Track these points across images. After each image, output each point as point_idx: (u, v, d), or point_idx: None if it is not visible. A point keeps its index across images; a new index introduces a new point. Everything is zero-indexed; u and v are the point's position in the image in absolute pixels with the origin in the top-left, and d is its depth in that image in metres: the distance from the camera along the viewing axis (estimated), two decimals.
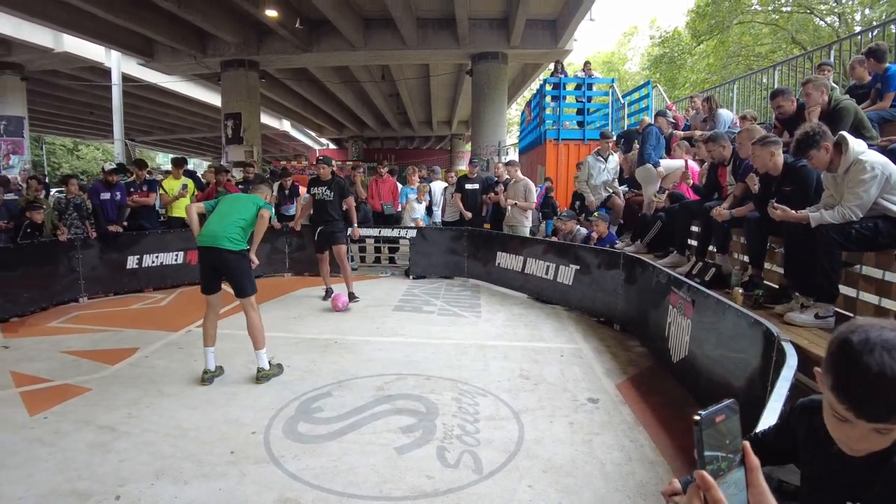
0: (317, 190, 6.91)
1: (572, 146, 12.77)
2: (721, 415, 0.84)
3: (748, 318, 3.20)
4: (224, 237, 4.28)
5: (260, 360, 4.43)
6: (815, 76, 5.04)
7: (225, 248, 4.27)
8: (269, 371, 4.43)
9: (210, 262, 4.36)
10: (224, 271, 4.39)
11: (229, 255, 4.29)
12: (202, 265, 4.45)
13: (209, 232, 4.33)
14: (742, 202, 4.64)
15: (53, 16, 12.65)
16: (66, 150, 47.20)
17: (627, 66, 41.53)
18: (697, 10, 24.05)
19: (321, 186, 6.87)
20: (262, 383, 4.32)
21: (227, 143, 16.28)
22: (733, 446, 0.85)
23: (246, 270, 4.43)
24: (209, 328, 4.47)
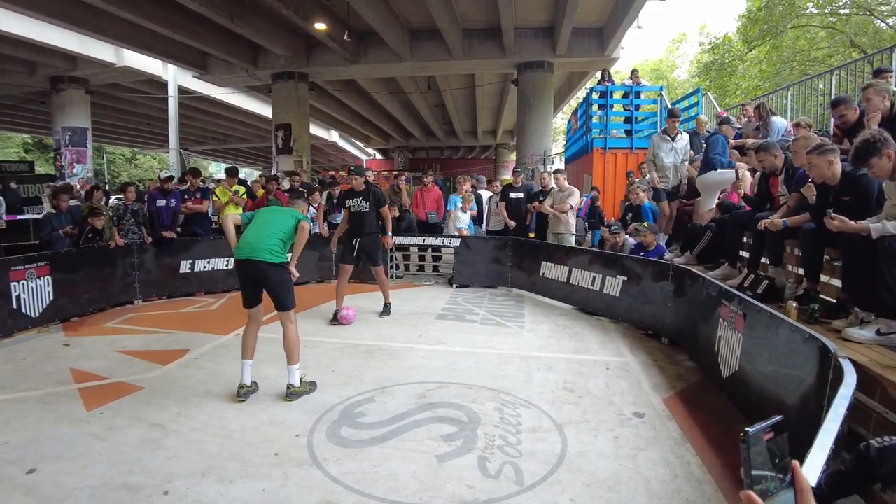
0: (352, 202, 6.61)
1: (620, 155, 12.57)
2: (770, 432, 0.82)
3: (803, 333, 3.08)
4: (264, 249, 4.17)
5: (291, 376, 4.26)
6: (876, 81, 4.84)
7: (264, 261, 4.16)
8: (299, 388, 4.24)
9: (249, 275, 4.25)
10: (264, 284, 4.27)
11: (269, 268, 4.18)
12: (241, 278, 4.34)
13: (247, 244, 4.22)
14: (796, 212, 4.48)
15: (116, 32, 13.34)
16: (125, 159, 49.34)
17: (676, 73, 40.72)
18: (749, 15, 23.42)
19: (356, 198, 6.59)
20: (292, 400, 4.16)
21: (277, 154, 16.72)
22: (782, 465, 0.82)
23: (286, 283, 4.30)
24: (249, 340, 4.34)
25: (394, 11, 13.76)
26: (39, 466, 3.16)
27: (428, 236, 9.42)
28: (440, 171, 29.94)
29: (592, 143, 12.78)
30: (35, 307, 6.15)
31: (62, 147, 17.80)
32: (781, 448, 0.82)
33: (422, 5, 12.32)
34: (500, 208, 8.98)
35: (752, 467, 0.80)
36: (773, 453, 0.81)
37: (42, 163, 34.90)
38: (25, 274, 6.03)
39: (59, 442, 3.47)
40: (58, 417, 3.86)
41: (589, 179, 12.79)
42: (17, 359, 5.20)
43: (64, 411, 3.97)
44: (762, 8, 22.33)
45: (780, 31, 22.17)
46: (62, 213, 7.24)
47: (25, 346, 5.60)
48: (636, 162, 11.57)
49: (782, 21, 21.82)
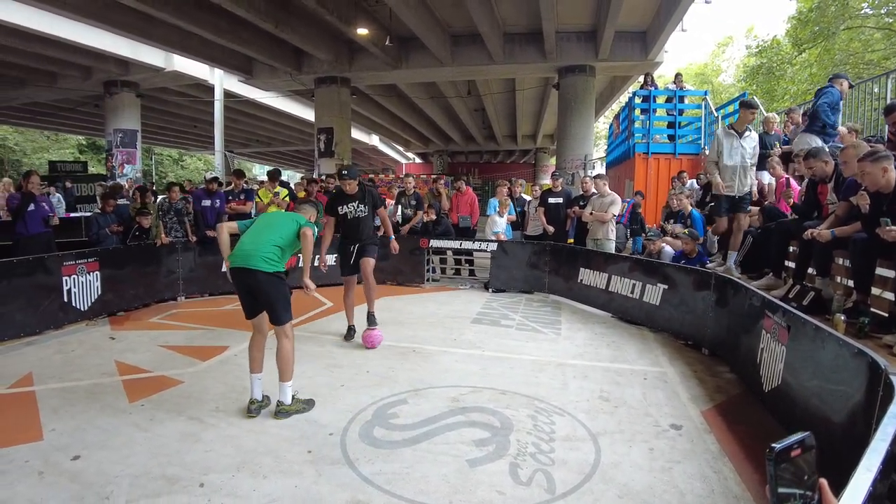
0: (347, 208, 5.76)
1: (662, 160, 12.37)
2: (797, 448, 0.78)
3: (851, 348, 2.95)
4: (258, 256, 3.83)
5: (282, 394, 3.91)
6: None
7: (259, 269, 3.82)
8: (290, 406, 3.90)
9: (243, 284, 3.93)
10: (257, 294, 3.92)
11: (263, 277, 3.83)
12: (237, 287, 4.01)
13: (242, 251, 3.89)
14: (845, 222, 4.31)
15: (166, 38, 13.78)
16: (172, 161, 50.89)
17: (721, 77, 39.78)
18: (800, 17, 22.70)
19: (351, 203, 5.75)
20: (280, 419, 3.83)
21: (319, 157, 16.98)
22: (810, 483, 0.79)
23: (282, 295, 3.93)
24: (255, 352, 4.05)
25: (435, 16, 13.83)
26: (84, 454, 3.30)
27: (465, 240, 9.42)
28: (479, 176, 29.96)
29: (634, 147, 12.60)
30: (84, 301, 6.40)
31: (113, 148, 18.45)
32: (810, 465, 0.79)
33: (463, 10, 12.34)
34: (539, 213, 8.92)
35: (777, 485, 0.77)
36: (802, 471, 0.78)
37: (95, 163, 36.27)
38: (76, 269, 6.28)
39: (103, 431, 3.61)
40: (102, 407, 4.01)
41: (630, 185, 12.60)
42: (67, 350, 5.43)
43: (108, 402, 4.12)
44: (813, 9, 21.62)
45: (832, 33, 21.40)
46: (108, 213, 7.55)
47: (74, 338, 5.84)
48: (679, 167, 11.36)
49: (835, 22, 21.07)
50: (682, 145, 12.53)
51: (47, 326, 5.98)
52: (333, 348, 5.60)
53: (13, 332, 5.63)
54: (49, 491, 2.89)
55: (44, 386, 4.45)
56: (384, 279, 9.24)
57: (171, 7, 11.49)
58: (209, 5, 11.93)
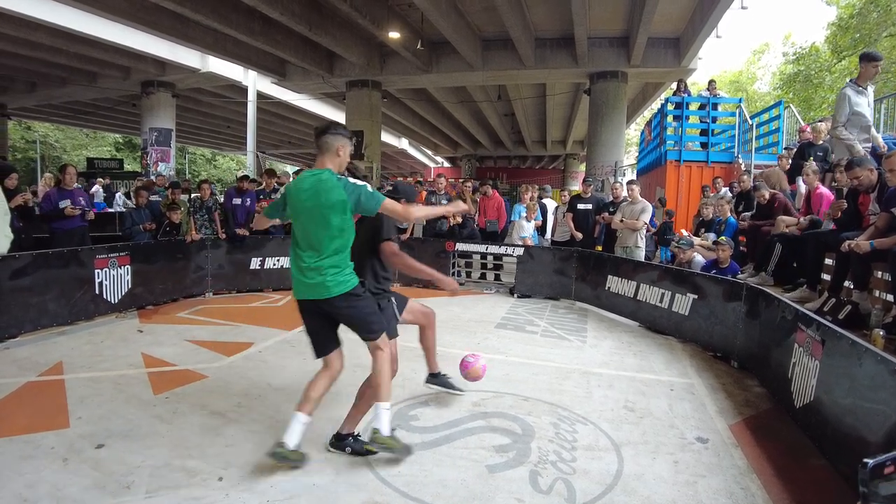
0: None
1: (695, 168, 12.14)
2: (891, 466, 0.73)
3: (890, 365, 2.83)
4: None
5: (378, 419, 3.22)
6: None
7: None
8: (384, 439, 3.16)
9: None
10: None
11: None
12: None
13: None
14: (885, 234, 4.16)
15: (202, 40, 14.10)
16: (206, 160, 51.91)
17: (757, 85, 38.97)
18: (840, 24, 22.16)
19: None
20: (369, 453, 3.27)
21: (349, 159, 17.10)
22: None
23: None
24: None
25: (467, 21, 13.85)
26: (108, 443, 3.35)
27: (490, 244, 9.37)
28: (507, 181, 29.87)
29: (666, 155, 12.41)
30: (115, 294, 6.53)
31: (149, 146, 18.91)
32: None
33: (495, 15, 12.34)
34: (567, 219, 8.83)
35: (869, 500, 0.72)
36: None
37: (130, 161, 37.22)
38: (108, 262, 6.42)
39: (127, 421, 3.67)
40: (128, 398, 4.07)
41: (661, 192, 12.42)
42: (96, 340, 5.55)
43: (133, 393, 4.19)
44: (854, 15, 21.09)
45: (874, 40, 20.82)
46: (142, 207, 7.68)
47: (104, 329, 5.97)
48: (711, 176, 11.13)
49: (877, 29, 20.52)
50: (714, 153, 12.29)
51: (79, 317, 6.13)
52: (358, 348, 5.54)
53: (47, 322, 5.78)
54: (72, 478, 2.94)
55: (73, 375, 4.54)
56: (410, 282, 9.25)
57: (208, 9, 11.73)
58: (244, 7, 12.15)
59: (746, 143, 11.87)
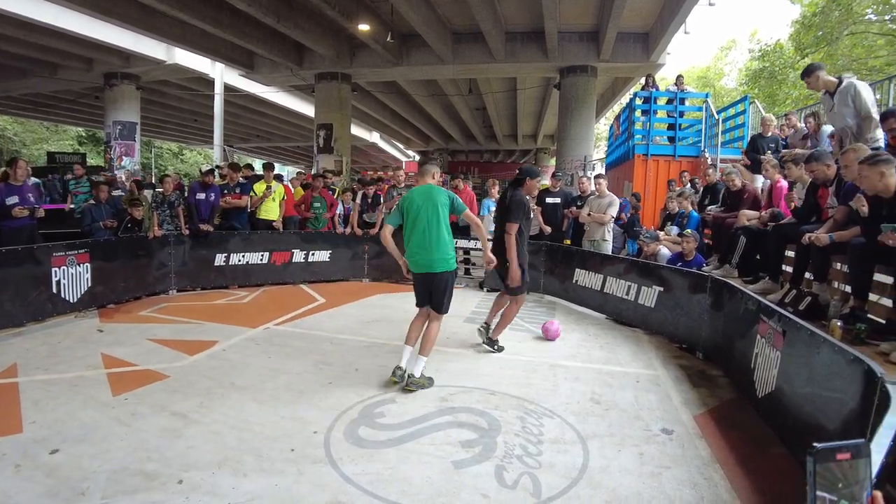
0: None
1: (662, 162, 12.29)
2: (845, 453, 0.73)
3: (847, 355, 2.89)
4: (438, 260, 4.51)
5: (417, 365, 4.43)
6: None
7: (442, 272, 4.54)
8: (419, 379, 4.37)
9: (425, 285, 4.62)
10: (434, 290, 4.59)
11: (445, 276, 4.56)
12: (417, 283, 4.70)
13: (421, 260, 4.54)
14: (843, 226, 4.25)
15: (167, 31, 13.73)
16: (172, 154, 50.81)
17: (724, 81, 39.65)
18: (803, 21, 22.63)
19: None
20: (409, 391, 4.29)
21: (318, 153, 16.92)
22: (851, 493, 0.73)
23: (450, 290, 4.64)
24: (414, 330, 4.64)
25: (437, 14, 13.76)
26: (63, 447, 3.24)
27: (460, 238, 9.34)
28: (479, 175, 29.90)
29: (634, 149, 12.52)
30: (74, 293, 6.34)
31: (112, 140, 18.37)
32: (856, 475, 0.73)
33: (465, 8, 12.27)
34: (536, 213, 8.84)
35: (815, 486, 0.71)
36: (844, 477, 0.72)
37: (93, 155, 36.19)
38: (66, 260, 6.22)
39: (84, 425, 3.56)
40: (85, 400, 3.95)
41: (629, 186, 12.54)
42: (53, 341, 5.38)
43: (91, 395, 4.06)
44: (817, 14, 21.57)
45: (835, 38, 21.34)
46: (102, 203, 7.45)
47: (62, 330, 5.79)
48: (678, 170, 11.28)
49: (838, 27, 21.01)
50: (682, 147, 12.45)
51: (35, 317, 5.94)
52: (324, 345, 5.54)
53: (1, 323, 5.57)
54: (24, 484, 2.84)
55: (27, 377, 4.39)
56: (379, 277, 9.20)
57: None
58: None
59: (713, 137, 12.05)
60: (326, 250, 9.07)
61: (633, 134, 12.91)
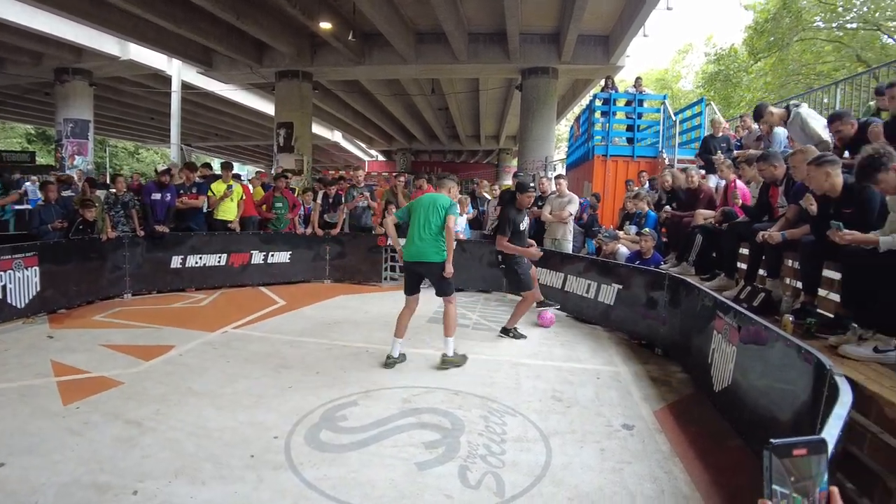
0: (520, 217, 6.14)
1: (621, 163, 12.50)
2: (802, 449, 0.73)
3: (798, 348, 2.98)
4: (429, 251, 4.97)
5: (447, 346, 4.93)
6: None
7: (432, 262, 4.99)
8: (451, 357, 4.91)
9: (415, 272, 5.15)
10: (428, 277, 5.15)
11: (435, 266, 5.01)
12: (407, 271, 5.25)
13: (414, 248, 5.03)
14: (794, 225, 4.39)
15: (121, 25, 13.32)
16: (128, 153, 49.38)
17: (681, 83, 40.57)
18: (756, 27, 23.37)
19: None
20: (444, 368, 4.84)
21: (278, 152, 16.68)
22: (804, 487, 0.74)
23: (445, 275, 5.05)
24: (403, 321, 5.09)
25: (400, 13, 13.71)
26: (9, 461, 3.08)
27: None
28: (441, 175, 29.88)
29: (594, 150, 12.70)
30: (21, 298, 6.06)
31: (64, 138, 17.74)
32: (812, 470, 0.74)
33: (428, 8, 12.26)
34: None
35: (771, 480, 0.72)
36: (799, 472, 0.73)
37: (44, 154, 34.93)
38: (12, 264, 5.94)
39: (32, 436, 3.39)
40: (33, 410, 3.78)
41: (588, 186, 12.72)
42: (0, 349, 5.12)
43: (40, 404, 3.88)
44: (769, 20, 22.30)
45: (786, 44, 22.11)
46: (52, 204, 7.17)
47: (9, 337, 5.53)
48: (637, 170, 11.49)
49: (789, 34, 21.77)
50: (640, 148, 12.69)
51: None
52: (284, 348, 5.44)
53: None
54: None
55: None
56: (341, 278, 9.11)
57: None
58: None
59: (670, 138, 12.31)
60: (286, 251, 8.93)
61: (592, 135, 13.10)
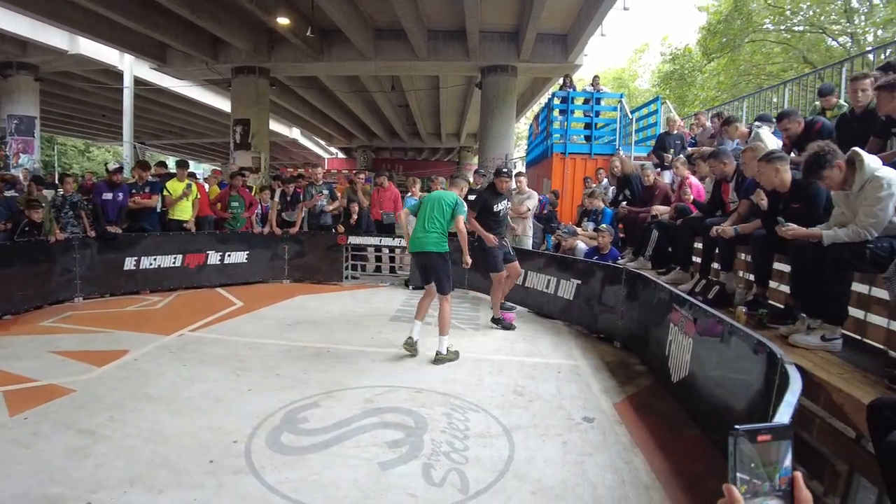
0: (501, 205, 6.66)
1: (579, 160, 12.68)
2: (766, 434, 0.75)
3: (751, 339, 3.07)
4: (429, 242, 5.24)
5: (440, 345, 5.11)
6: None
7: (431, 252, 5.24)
8: (445, 356, 5.06)
9: (420, 263, 5.51)
10: (430, 269, 5.31)
11: (434, 257, 5.25)
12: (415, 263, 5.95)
13: (416, 239, 5.33)
14: (746, 219, 4.53)
15: (69, 18, 12.76)
16: (78, 152, 47.60)
17: (638, 82, 41.42)
18: (709, 28, 24.01)
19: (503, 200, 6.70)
20: (438, 364, 4.99)
21: (235, 149, 16.33)
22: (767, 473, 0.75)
23: (444, 270, 5.25)
24: (424, 305, 5.41)
25: (359, 9, 13.57)
26: None
27: (385, 237, 9.28)
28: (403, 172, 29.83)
29: (553, 147, 12.85)
30: None
31: (7, 136, 16.97)
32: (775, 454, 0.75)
33: (387, 4, 12.16)
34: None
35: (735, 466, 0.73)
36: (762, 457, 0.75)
37: None
38: None
39: None
40: None
41: (548, 183, 12.86)
42: None
43: None
44: (722, 21, 22.94)
45: (737, 45, 22.78)
46: None
47: None
48: (595, 167, 11.67)
49: (740, 35, 22.43)
50: (597, 146, 12.89)
51: None
52: (243, 350, 5.32)
53: None
54: None
55: None
56: (300, 278, 8.98)
57: None
58: None
59: (627, 136, 12.55)
60: (243, 251, 8.75)
61: (551, 133, 13.25)
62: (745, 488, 0.75)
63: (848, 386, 2.68)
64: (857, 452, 2.54)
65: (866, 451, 2.44)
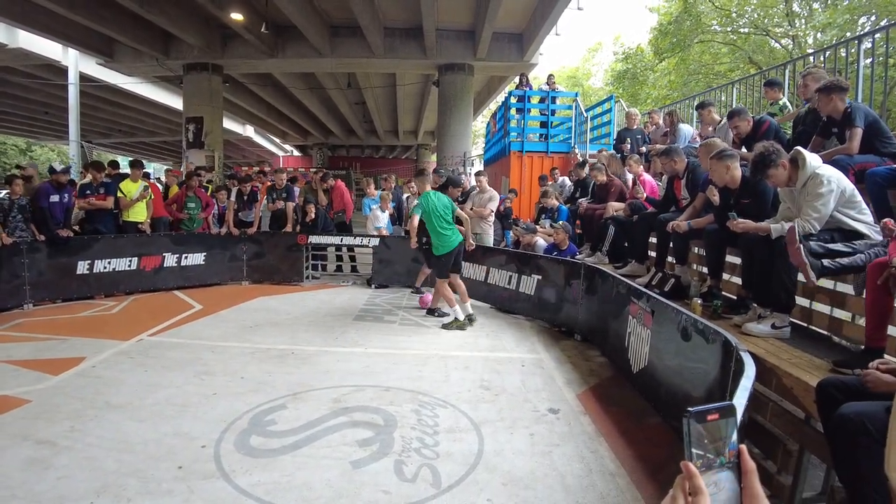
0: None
1: (536, 158, 12.87)
2: (714, 414, 0.84)
3: (707, 329, 3.22)
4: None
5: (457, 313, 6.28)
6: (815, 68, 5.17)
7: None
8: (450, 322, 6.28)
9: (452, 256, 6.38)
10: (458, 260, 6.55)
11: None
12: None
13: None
14: (701, 213, 4.72)
15: (6, 9, 12.22)
16: (19, 151, 45.52)
17: (591, 81, 42.17)
18: (660, 29, 24.64)
19: None
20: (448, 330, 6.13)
21: (187, 148, 15.97)
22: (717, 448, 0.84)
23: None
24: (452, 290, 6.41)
25: (314, 5, 13.45)
26: None
27: (346, 235, 9.24)
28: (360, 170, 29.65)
29: (510, 146, 13.00)
30: None
31: None
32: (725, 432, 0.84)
33: (343, 1, 12.10)
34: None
35: (690, 444, 0.82)
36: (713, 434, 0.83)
37: None
38: None
39: None
40: None
41: (506, 182, 13.01)
42: None
43: None
44: (672, 22, 23.58)
45: (687, 45, 23.46)
46: None
47: None
48: (551, 165, 11.87)
49: (690, 36, 23.11)
50: (553, 144, 13.11)
51: None
52: (205, 354, 5.23)
53: None
54: None
55: None
56: (260, 279, 8.86)
57: None
58: None
59: (582, 134, 12.79)
60: (201, 252, 8.57)
61: (508, 131, 13.40)
62: (699, 463, 0.83)
63: (797, 370, 2.84)
64: (806, 432, 2.71)
65: (815, 431, 2.60)
